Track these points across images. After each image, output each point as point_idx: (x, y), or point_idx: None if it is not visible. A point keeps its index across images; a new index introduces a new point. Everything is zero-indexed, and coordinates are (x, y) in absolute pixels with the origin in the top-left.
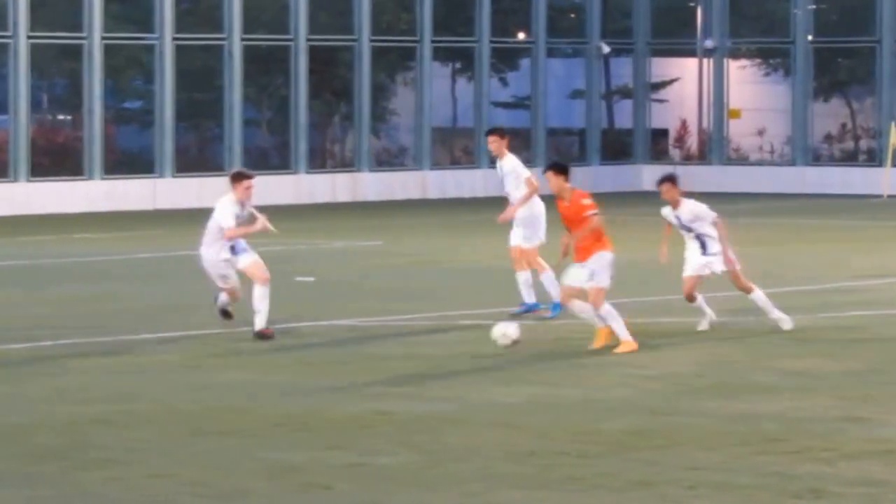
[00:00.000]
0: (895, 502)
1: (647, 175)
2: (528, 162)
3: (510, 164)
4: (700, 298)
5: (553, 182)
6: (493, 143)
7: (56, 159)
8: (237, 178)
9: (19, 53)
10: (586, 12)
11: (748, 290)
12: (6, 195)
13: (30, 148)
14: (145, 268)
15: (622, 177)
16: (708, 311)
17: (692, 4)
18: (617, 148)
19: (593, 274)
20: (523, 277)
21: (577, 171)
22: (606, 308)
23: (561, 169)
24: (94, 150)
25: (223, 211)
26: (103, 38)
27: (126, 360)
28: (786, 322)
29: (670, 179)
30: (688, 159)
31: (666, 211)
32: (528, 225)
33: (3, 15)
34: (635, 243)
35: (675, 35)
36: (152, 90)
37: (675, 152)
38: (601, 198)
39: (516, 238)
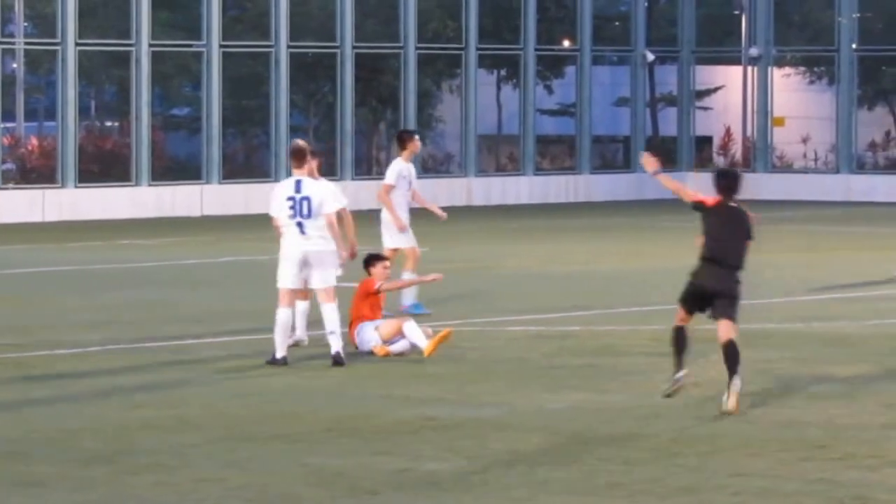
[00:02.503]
0: None
1: (691, 183)
2: (574, 170)
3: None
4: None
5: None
6: None
7: (104, 166)
8: None
9: (68, 60)
10: (631, 20)
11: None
12: (54, 201)
13: (78, 154)
14: (193, 274)
15: None
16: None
17: (737, 13)
18: (661, 155)
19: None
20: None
21: (622, 178)
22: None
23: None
24: (142, 157)
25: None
26: (151, 46)
27: (174, 365)
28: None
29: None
30: (732, 167)
31: None
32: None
33: (52, 22)
34: (681, 250)
35: (719, 43)
36: (200, 97)
37: (719, 160)
38: (646, 205)
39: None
